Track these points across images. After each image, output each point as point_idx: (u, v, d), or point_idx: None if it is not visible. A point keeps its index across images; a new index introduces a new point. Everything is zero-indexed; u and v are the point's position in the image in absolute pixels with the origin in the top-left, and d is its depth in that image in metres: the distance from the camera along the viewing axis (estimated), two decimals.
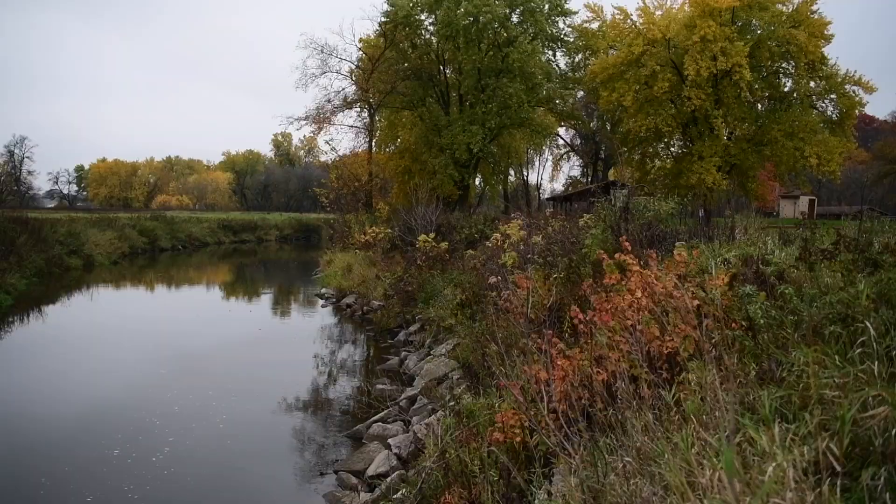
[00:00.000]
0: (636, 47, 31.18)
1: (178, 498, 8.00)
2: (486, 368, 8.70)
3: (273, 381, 13.52)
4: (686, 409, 4.25)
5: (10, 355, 15.57)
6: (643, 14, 32.75)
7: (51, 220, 39.96)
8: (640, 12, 32.94)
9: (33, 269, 28.60)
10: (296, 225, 75.35)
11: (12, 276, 25.01)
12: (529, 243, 13.36)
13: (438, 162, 36.91)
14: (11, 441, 9.83)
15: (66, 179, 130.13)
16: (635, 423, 4.54)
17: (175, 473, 8.59)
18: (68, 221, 42.15)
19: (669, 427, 4.30)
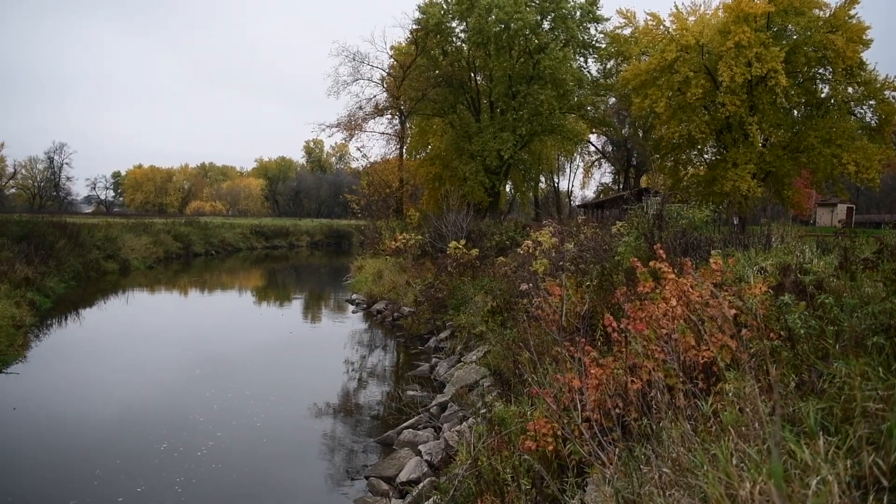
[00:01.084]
0: (669, 53, 30.88)
1: (220, 492, 8.31)
2: (517, 376, 8.66)
3: (304, 385, 13.80)
4: (724, 420, 4.18)
5: (52, 356, 15.92)
6: (676, 20, 32.45)
7: (88, 225, 40.76)
8: (673, 18, 32.64)
9: (71, 273, 29.19)
10: (327, 231, 75.87)
11: (51, 280, 25.55)
12: (561, 250, 13.29)
13: (469, 168, 36.92)
14: (64, 435, 10.26)
15: (104, 185, 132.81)
16: (671, 434, 4.47)
17: (217, 468, 8.93)
18: (105, 226, 42.96)
19: (706, 438, 4.23)
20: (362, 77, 41.82)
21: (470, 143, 37.47)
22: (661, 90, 31.74)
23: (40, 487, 8.24)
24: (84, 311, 23.06)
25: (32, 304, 20.50)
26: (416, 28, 38.67)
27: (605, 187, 62.58)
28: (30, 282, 22.85)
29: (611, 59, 41.64)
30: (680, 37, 31.32)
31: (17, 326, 16.99)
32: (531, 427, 6.04)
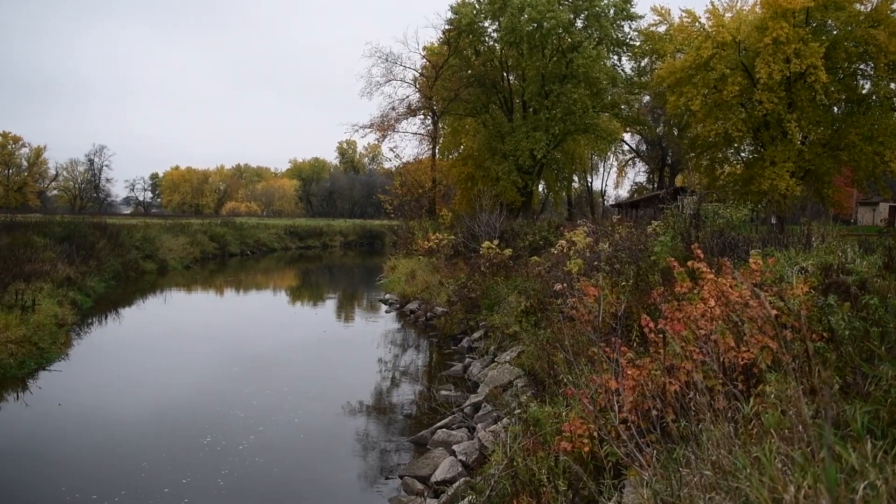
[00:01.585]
0: (705, 50, 30.43)
1: (262, 486, 8.51)
2: (552, 376, 8.61)
3: (339, 383, 13.99)
4: (765, 423, 4.11)
5: (93, 354, 16.32)
6: (712, 16, 31.98)
7: (127, 226, 41.55)
8: (709, 15, 32.18)
9: (111, 273, 29.78)
10: (360, 231, 76.26)
11: (92, 279, 26.09)
12: (596, 250, 13.19)
13: (502, 168, 36.85)
14: (110, 430, 10.60)
15: (142, 187, 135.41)
16: (711, 436, 4.40)
17: (258, 463, 9.14)
18: (143, 227, 43.75)
19: (748, 440, 4.16)
20: (395, 78, 42.06)
21: (502, 143, 37.38)
22: (697, 88, 31.30)
23: (91, 478, 8.52)
24: (124, 311, 23.53)
25: (74, 303, 20.95)
26: (449, 28, 38.71)
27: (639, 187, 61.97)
28: (71, 281, 23.36)
29: (645, 57, 41.25)
30: (716, 33, 30.86)
31: (60, 325, 17.38)
32: (567, 428, 5.99)
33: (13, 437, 10.29)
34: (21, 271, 20.77)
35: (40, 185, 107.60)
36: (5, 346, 13.77)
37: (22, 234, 28.36)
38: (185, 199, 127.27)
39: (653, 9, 38.79)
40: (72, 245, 28.63)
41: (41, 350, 14.82)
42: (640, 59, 41.48)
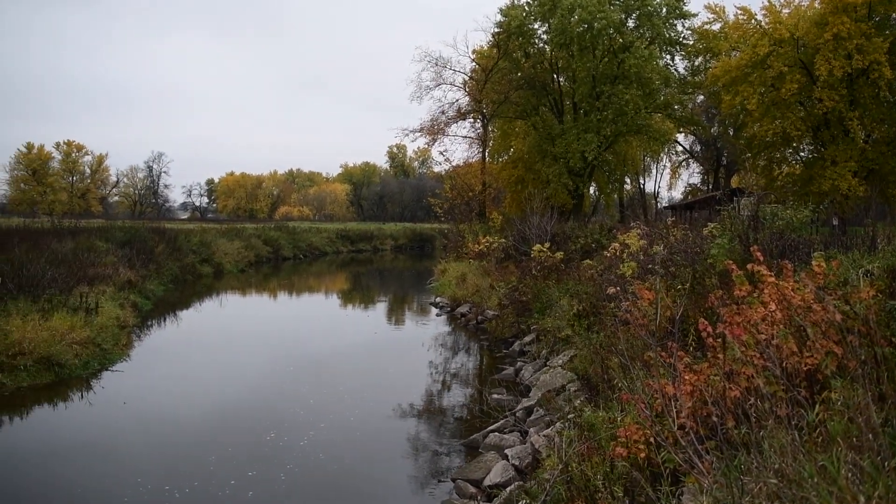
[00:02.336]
0: (761, 48, 29.68)
1: (319, 482, 8.79)
2: (606, 381, 8.50)
3: (391, 384, 14.21)
4: (831, 431, 3.97)
5: (154, 355, 16.80)
6: (769, 13, 31.18)
7: (184, 231, 42.70)
8: (766, 11, 31.37)
9: (169, 276, 30.60)
10: (410, 235, 76.70)
11: (151, 283, 26.85)
12: (650, 253, 12.99)
13: (552, 171, 36.60)
14: (175, 427, 11.01)
15: (198, 192, 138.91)
16: (774, 443, 4.28)
17: (318, 459, 9.43)
18: (200, 231, 44.85)
19: (812, 449, 4.03)
20: (445, 82, 42.19)
21: (553, 145, 37.14)
22: (753, 86, 30.56)
23: (162, 471, 8.86)
24: (182, 313, 24.16)
25: (135, 305, 21.60)
26: (498, 31, 38.66)
27: (693, 188, 60.80)
28: (132, 284, 24.10)
29: (699, 56, 40.41)
30: (773, 30, 30.09)
31: (121, 327, 17.93)
32: (622, 433, 5.91)
33: (82, 434, 10.67)
34: (85, 275, 21.51)
35: (102, 192, 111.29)
36: (70, 346, 14.26)
37: (85, 238, 29.38)
38: (240, 204, 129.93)
39: (706, 7, 38.02)
40: (132, 249, 29.55)
41: (104, 351, 15.31)
42: (693, 58, 40.66)
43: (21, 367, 12.91)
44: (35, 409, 11.73)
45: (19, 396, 12.10)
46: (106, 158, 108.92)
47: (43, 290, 17.45)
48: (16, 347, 13.18)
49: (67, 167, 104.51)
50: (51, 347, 13.67)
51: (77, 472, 8.97)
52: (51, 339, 13.93)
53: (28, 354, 13.19)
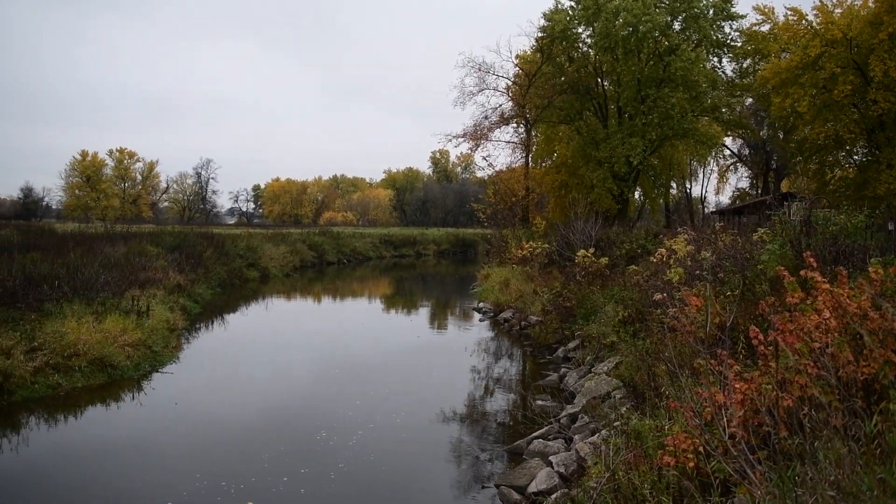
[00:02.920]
0: (813, 49, 28.94)
1: (368, 481, 9.00)
2: (652, 388, 8.38)
3: (435, 387, 14.33)
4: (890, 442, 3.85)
5: (202, 357, 17.18)
6: (820, 13, 30.38)
7: (232, 236, 43.47)
8: (817, 11, 30.57)
9: (217, 280, 31.17)
10: (453, 240, 76.74)
11: (200, 287, 27.40)
12: (698, 259, 12.77)
13: (596, 176, 36.26)
14: (227, 426, 11.32)
15: (245, 198, 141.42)
16: (829, 454, 4.17)
17: (366, 459, 9.67)
18: (247, 237, 45.61)
19: (871, 460, 3.91)
20: (488, 87, 42.12)
21: (597, 150, 36.78)
22: (804, 88, 29.81)
23: (218, 469, 9.16)
24: (229, 316, 24.60)
25: (184, 309, 22.06)
26: (542, 36, 38.47)
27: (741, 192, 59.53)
28: (181, 288, 24.63)
29: (747, 58, 39.60)
30: (825, 31, 29.31)
31: (171, 330, 18.35)
32: (670, 442, 5.81)
33: (137, 433, 10.95)
34: (136, 279, 22.08)
35: (153, 198, 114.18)
36: (123, 348, 14.65)
37: (137, 243, 30.16)
38: (285, 209, 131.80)
39: (755, 8, 37.23)
40: (182, 254, 30.20)
41: (154, 353, 15.69)
42: (741, 60, 39.85)
43: (76, 368, 13.31)
44: (90, 410, 12.06)
45: (74, 397, 12.46)
46: (156, 165, 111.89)
47: (97, 294, 17.96)
48: (71, 349, 13.59)
49: (120, 174, 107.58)
50: (104, 349, 14.05)
51: (135, 469, 9.26)
52: (104, 341, 14.33)
53: (82, 356, 13.59)
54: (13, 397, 11.75)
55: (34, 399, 11.97)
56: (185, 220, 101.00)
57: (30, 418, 11.23)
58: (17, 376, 12.05)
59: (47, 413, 11.51)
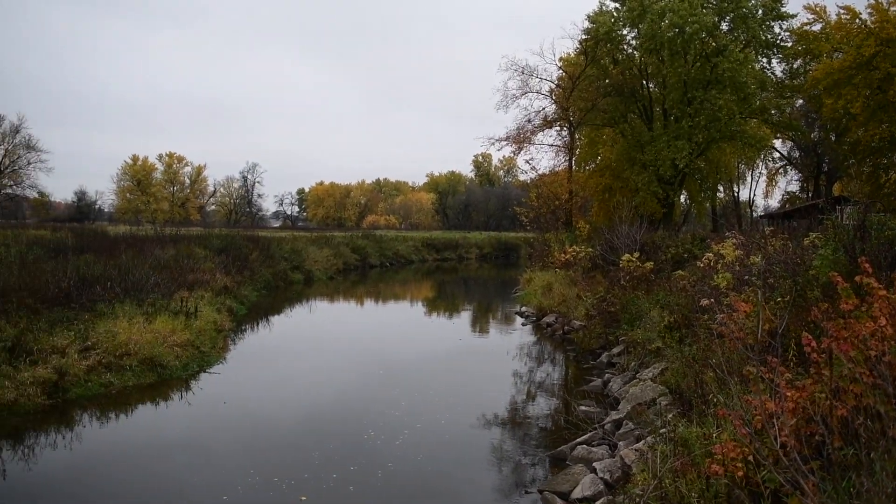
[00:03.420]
0: (867, 48, 28.15)
1: (413, 481, 9.12)
2: (700, 395, 8.23)
3: (476, 391, 14.38)
4: None
5: (249, 357, 17.50)
6: (875, 11, 29.56)
7: (277, 239, 44.11)
8: (872, 10, 29.76)
9: (263, 283, 31.65)
10: (495, 243, 76.61)
11: (246, 288, 27.86)
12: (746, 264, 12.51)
13: (641, 179, 35.79)
14: (276, 425, 11.59)
15: (289, 201, 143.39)
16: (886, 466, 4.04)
17: (412, 459, 9.82)
18: (291, 240, 46.23)
19: None
20: (531, 90, 41.94)
21: (642, 153, 36.32)
22: (858, 89, 29.02)
23: (270, 466, 9.36)
24: (274, 318, 24.97)
25: (230, 310, 22.45)
26: (586, 38, 38.15)
27: (791, 196, 58.09)
28: (228, 290, 25.07)
29: (798, 59, 38.70)
30: (880, 29, 28.50)
31: (218, 331, 18.69)
32: (718, 450, 5.70)
33: (188, 431, 11.24)
34: (185, 280, 22.57)
35: (200, 201, 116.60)
36: (172, 349, 14.98)
37: (185, 246, 30.82)
38: (329, 212, 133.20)
39: (806, 7, 36.42)
40: (228, 256, 30.78)
41: (202, 353, 16.00)
42: (791, 60, 38.95)
43: (127, 367, 13.65)
44: (141, 408, 12.37)
45: (125, 395, 12.79)
46: (204, 169, 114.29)
47: (147, 295, 18.41)
48: (122, 349, 13.96)
49: (169, 177, 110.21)
50: (154, 349, 14.39)
51: (188, 465, 9.53)
52: (154, 341, 14.68)
53: (133, 355, 13.94)
54: (68, 395, 12.11)
55: (87, 397, 12.32)
56: (232, 223, 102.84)
57: (83, 416, 11.56)
58: (72, 374, 12.42)
59: (100, 411, 11.83)
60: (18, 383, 11.54)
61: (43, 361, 12.39)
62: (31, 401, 11.38)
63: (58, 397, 11.91)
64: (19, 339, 12.62)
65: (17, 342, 12.49)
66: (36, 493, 8.41)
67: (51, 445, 10.12)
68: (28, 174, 70.71)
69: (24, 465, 9.34)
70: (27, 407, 11.27)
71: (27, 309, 14.61)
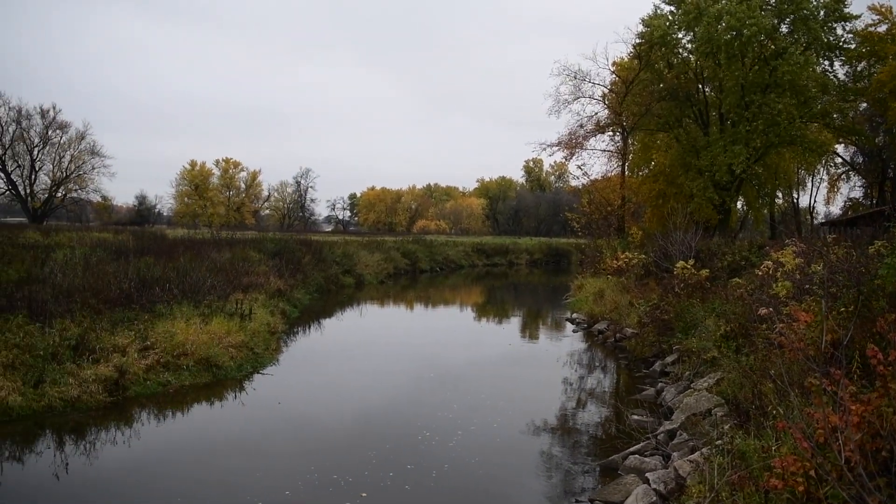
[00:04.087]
0: None
1: (466, 483, 9.23)
2: (758, 407, 8.00)
3: (526, 396, 14.43)
4: None
5: (301, 359, 17.83)
6: None
7: (329, 243, 44.68)
8: None
9: (315, 286, 32.08)
10: (545, 249, 76.11)
11: (298, 292, 28.28)
12: (807, 272, 12.13)
13: (696, 185, 35.06)
14: (331, 426, 11.88)
15: (341, 206, 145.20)
16: None
17: (466, 460, 9.98)
18: (343, 244, 46.76)
19: None
20: (583, 95, 41.52)
21: (697, 158, 35.61)
22: None
23: (329, 464, 9.57)
24: (326, 321, 25.29)
25: (283, 313, 22.81)
26: (640, 42, 37.66)
27: (854, 203, 56.19)
28: (281, 293, 25.47)
29: (862, 61, 37.44)
30: None
31: (271, 333, 19.00)
32: (777, 464, 5.53)
33: (246, 430, 11.51)
34: (240, 283, 23.03)
35: (255, 205, 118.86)
36: (227, 349, 15.30)
37: (240, 249, 31.48)
38: (380, 217, 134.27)
39: (871, 8, 35.24)
40: (282, 260, 31.30)
41: (256, 355, 16.30)
42: (855, 62, 37.69)
43: (184, 367, 14.00)
44: (198, 407, 12.68)
45: (182, 394, 13.11)
46: (259, 174, 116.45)
47: (203, 296, 18.84)
48: (180, 349, 14.33)
49: (225, 182, 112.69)
50: (210, 350, 14.73)
51: (247, 462, 9.81)
52: (210, 342, 15.02)
53: (190, 355, 14.29)
54: (127, 392, 12.47)
55: (146, 395, 12.67)
56: (285, 227, 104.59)
57: (142, 413, 11.88)
58: (132, 373, 12.80)
59: (158, 409, 12.15)
60: (81, 380, 11.94)
61: (104, 360, 12.81)
62: (92, 398, 11.76)
63: (118, 395, 12.28)
64: (83, 337, 13.06)
65: (80, 341, 12.94)
66: (97, 487, 8.68)
67: (111, 441, 10.44)
68: (92, 179, 73.08)
69: (85, 459, 9.65)
70: (89, 403, 11.65)
71: (90, 309, 15.13)
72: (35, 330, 12.98)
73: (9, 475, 8.93)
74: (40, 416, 11.05)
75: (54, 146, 71.11)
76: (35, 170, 70.35)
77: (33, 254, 23.12)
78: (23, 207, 70.98)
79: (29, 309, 13.99)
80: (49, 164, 71.54)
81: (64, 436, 10.51)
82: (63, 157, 71.67)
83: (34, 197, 70.46)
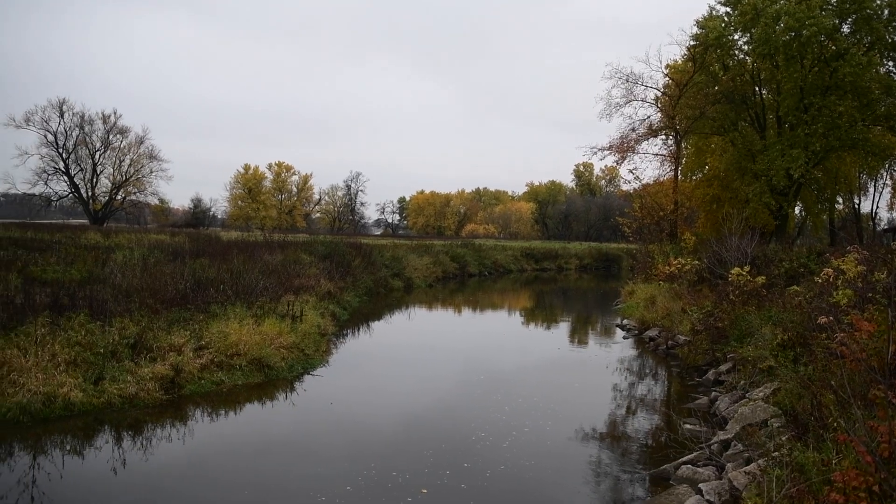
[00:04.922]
0: None
1: (518, 484, 9.23)
2: (817, 419, 7.75)
3: (575, 401, 14.34)
4: None
5: (350, 361, 17.97)
6: None
7: (378, 246, 45.02)
8: None
9: (364, 289, 32.35)
10: (595, 254, 75.27)
11: (348, 294, 28.56)
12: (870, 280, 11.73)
13: (752, 189, 34.21)
14: (389, 425, 12.02)
15: (391, 209, 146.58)
16: None
17: (518, 462, 9.99)
18: (392, 247, 47.07)
19: None
20: (635, 98, 40.95)
21: (753, 162, 34.75)
22: None
23: (386, 462, 9.76)
24: (375, 324, 25.47)
25: (333, 315, 23.08)
26: (695, 44, 36.97)
27: None
28: (331, 295, 25.79)
29: None
30: None
31: (322, 334, 19.24)
32: (838, 478, 5.35)
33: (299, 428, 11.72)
34: (291, 285, 23.38)
35: (306, 209, 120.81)
36: (278, 350, 15.55)
37: (292, 251, 31.98)
38: (429, 221, 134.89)
39: None
40: (332, 262, 31.67)
41: (306, 356, 16.52)
42: None
43: (237, 366, 14.28)
44: (250, 406, 12.91)
45: (235, 393, 13.38)
46: (310, 178, 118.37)
47: (256, 298, 19.19)
48: (233, 349, 14.62)
49: (277, 186, 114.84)
50: (262, 350, 14.99)
51: (305, 458, 10.06)
52: (262, 343, 15.28)
53: (243, 355, 14.58)
54: (182, 391, 12.78)
55: (200, 394, 12.96)
56: (335, 231, 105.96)
57: (196, 412, 12.15)
58: (187, 372, 13.12)
59: (212, 407, 12.41)
60: (139, 378, 12.28)
61: (161, 358, 13.15)
62: (149, 395, 12.08)
63: (173, 393, 12.58)
64: (141, 336, 13.45)
65: (138, 339, 13.32)
66: (152, 483, 8.89)
67: (167, 438, 10.69)
68: (150, 182, 75.54)
69: (142, 455, 9.90)
70: (146, 401, 11.97)
71: (148, 308, 15.56)
72: (96, 328, 13.39)
73: (70, 469, 9.23)
74: (100, 411, 11.40)
75: (115, 150, 73.89)
76: (96, 173, 73.07)
77: (94, 254, 23.91)
78: (84, 209, 73.63)
79: (90, 308, 14.42)
80: (110, 168, 74.37)
81: (122, 431, 10.81)
82: (123, 160, 74.36)
83: (95, 199, 73.07)
